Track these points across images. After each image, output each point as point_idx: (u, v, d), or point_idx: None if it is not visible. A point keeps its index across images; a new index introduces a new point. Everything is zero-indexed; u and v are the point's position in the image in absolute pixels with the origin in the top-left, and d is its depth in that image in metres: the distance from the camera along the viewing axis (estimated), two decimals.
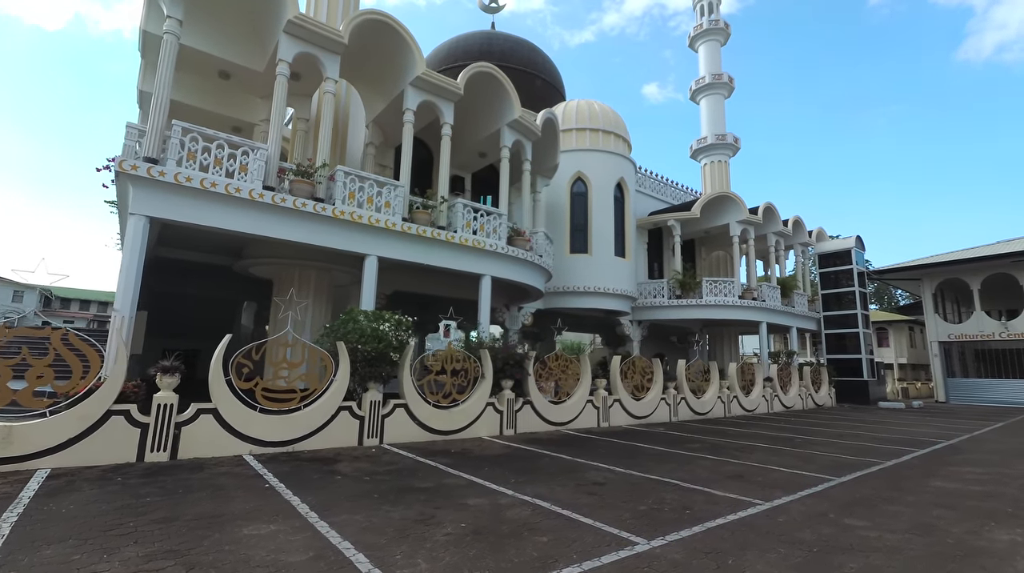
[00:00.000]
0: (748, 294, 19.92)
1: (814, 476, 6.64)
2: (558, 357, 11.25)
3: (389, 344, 8.34)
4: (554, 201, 18.05)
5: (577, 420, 11.27)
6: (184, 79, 11.40)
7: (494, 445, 8.61)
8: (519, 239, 12.69)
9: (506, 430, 9.92)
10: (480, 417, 9.57)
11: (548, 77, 23.63)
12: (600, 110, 18.81)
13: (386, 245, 10.21)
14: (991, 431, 12.68)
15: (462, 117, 13.39)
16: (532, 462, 7.19)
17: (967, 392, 24.06)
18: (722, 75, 26.96)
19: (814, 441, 10.12)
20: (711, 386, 15.02)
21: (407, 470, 6.38)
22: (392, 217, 10.21)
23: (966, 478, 6.77)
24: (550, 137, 14.72)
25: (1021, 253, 21.77)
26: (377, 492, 5.25)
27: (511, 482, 5.87)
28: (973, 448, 9.64)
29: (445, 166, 11.69)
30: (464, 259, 11.38)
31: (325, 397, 7.80)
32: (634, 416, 12.50)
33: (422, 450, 7.84)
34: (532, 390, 10.49)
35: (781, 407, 17.79)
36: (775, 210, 21.50)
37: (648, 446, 8.97)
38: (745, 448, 9.01)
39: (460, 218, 11.39)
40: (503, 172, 12.88)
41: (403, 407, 8.62)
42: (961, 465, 7.77)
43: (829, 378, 20.95)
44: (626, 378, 12.70)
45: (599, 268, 17.54)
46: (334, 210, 9.41)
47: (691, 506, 5.04)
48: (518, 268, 12.60)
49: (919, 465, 7.68)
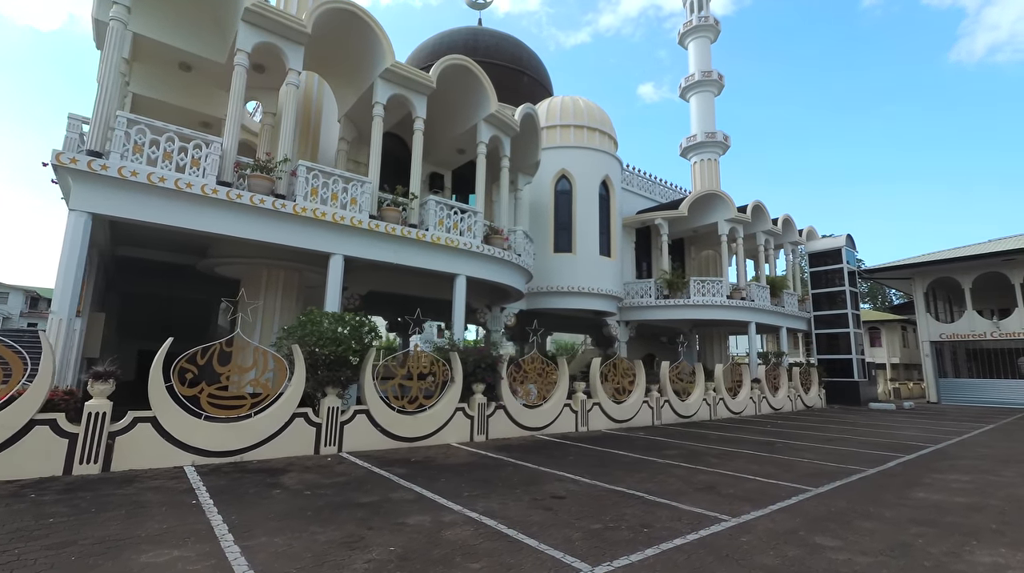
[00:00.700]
0: (737, 294, 19.58)
1: (790, 486, 6.26)
2: (534, 359, 10.86)
3: (348, 347, 7.92)
4: (538, 199, 17.68)
5: (554, 425, 10.87)
6: (146, 72, 10.97)
7: (460, 453, 8.20)
8: (496, 238, 12.29)
9: (477, 436, 9.51)
10: (449, 423, 9.17)
11: (535, 74, 23.22)
12: (585, 106, 18.43)
13: (352, 243, 9.79)
14: (981, 433, 12.35)
15: (438, 112, 12.99)
16: (494, 472, 6.79)
17: (959, 392, 23.79)
18: (712, 72, 26.63)
19: (798, 446, 9.75)
20: (696, 388, 14.65)
21: (356, 482, 5.96)
22: (359, 214, 9.79)
23: (951, 488, 6.40)
24: (530, 133, 14.33)
25: (1012, 251, 21.49)
26: (313, 509, 4.84)
27: (463, 496, 5.46)
28: (961, 453, 9.30)
29: (418, 162, 11.28)
30: (437, 258, 10.97)
31: (278, 404, 7.37)
32: (615, 420, 12.11)
33: (381, 459, 7.43)
34: (505, 394, 10.09)
35: (769, 409, 17.44)
36: (764, 208, 21.17)
37: (623, 453, 8.58)
38: (724, 455, 8.63)
39: (432, 216, 10.98)
40: (479, 168, 12.48)
41: (364, 413, 8.20)
42: (947, 472, 7.41)
43: (819, 379, 20.63)
44: (607, 381, 12.32)
45: (583, 268, 17.15)
46: (295, 207, 8.98)
47: (651, 524, 4.65)
48: (495, 268, 12.20)
49: (903, 473, 7.31)
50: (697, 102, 26.97)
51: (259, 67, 10.63)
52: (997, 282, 23.48)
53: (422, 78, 10.98)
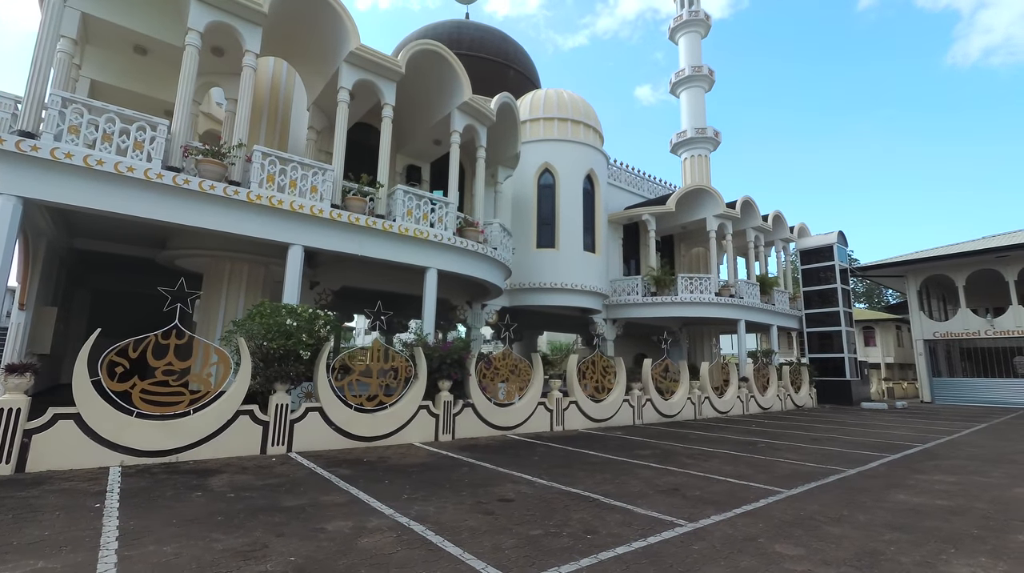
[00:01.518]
0: (725, 291, 19.16)
1: (762, 488, 5.82)
2: (506, 356, 10.41)
3: (298, 341, 7.46)
4: (521, 194, 17.25)
5: (527, 424, 10.42)
6: (100, 56, 10.52)
7: (420, 453, 7.74)
8: (470, 230, 11.85)
9: (442, 436, 9.06)
10: (411, 421, 8.71)
11: (521, 68, 22.85)
12: (569, 99, 18.02)
13: (312, 234, 9.33)
14: (972, 433, 11.92)
15: (411, 100, 12.58)
16: (447, 473, 6.33)
17: (953, 392, 23.39)
18: (702, 67, 26.25)
19: (780, 446, 9.31)
20: (680, 387, 14.21)
21: (290, 484, 5.50)
22: (319, 203, 9.34)
23: (934, 489, 5.96)
24: (508, 124, 13.90)
25: (1005, 248, 21.11)
26: (227, 513, 4.38)
27: (401, 499, 5.01)
28: (949, 453, 8.87)
29: (386, 150, 10.83)
30: (405, 250, 10.52)
31: (221, 400, 6.92)
32: (593, 419, 11.66)
33: (332, 459, 6.97)
34: (474, 392, 9.63)
35: (758, 409, 17.01)
36: (754, 204, 20.77)
37: (593, 453, 8.13)
38: (700, 455, 8.18)
39: (401, 206, 10.53)
40: (453, 158, 12.04)
41: (317, 411, 7.74)
42: (931, 473, 6.98)
43: (810, 378, 20.21)
44: (585, 378, 11.87)
45: (567, 264, 16.72)
46: (249, 194, 8.52)
47: (597, 529, 4.20)
48: (469, 262, 11.75)
49: (884, 474, 6.88)
50: (687, 98, 26.58)
51: (217, 50, 10.18)
52: (991, 280, 23.09)
53: (389, 63, 10.54)
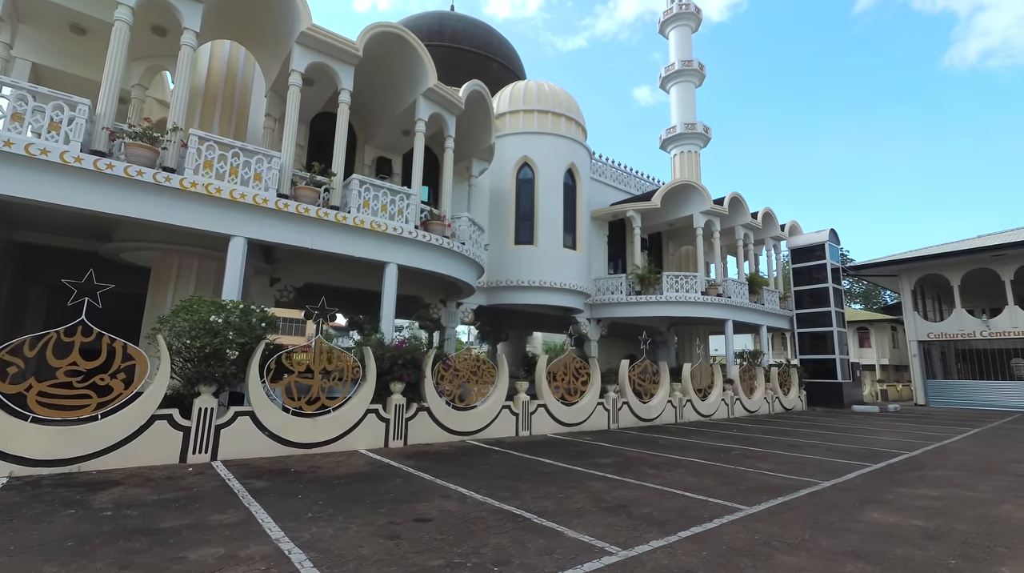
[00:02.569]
0: (712, 290, 18.56)
1: (720, 505, 5.21)
2: (467, 356, 9.79)
3: (225, 339, 6.84)
4: (499, 188, 16.65)
5: (490, 429, 9.80)
6: (36, 35, 9.93)
7: (360, 461, 7.12)
8: (436, 224, 11.23)
9: (393, 442, 8.44)
10: (358, 427, 8.09)
11: (505, 60, 22.25)
12: (550, 91, 17.42)
13: (256, 225, 8.71)
14: (964, 439, 11.32)
15: (375, 88, 12.00)
16: (376, 485, 5.71)
17: (948, 394, 22.78)
18: (692, 62, 25.66)
19: (755, 454, 8.70)
20: (660, 389, 13.60)
21: (187, 500, 4.88)
22: (263, 192, 8.72)
23: (913, 506, 5.35)
24: (480, 114, 13.28)
25: (1001, 246, 20.52)
26: (85, 537, 3.76)
27: (304, 517, 4.40)
28: (936, 461, 8.25)
29: (342, 138, 10.21)
30: (362, 244, 9.89)
31: (135, 404, 6.30)
32: (563, 423, 11.05)
33: (256, 469, 6.35)
34: (430, 394, 9.01)
35: (744, 412, 16.40)
36: (742, 201, 20.17)
37: (550, 461, 7.51)
38: (665, 464, 7.57)
39: (356, 197, 9.92)
40: (417, 148, 11.42)
41: (248, 415, 7.12)
42: (914, 485, 6.37)
43: (800, 380, 19.60)
44: (556, 381, 11.26)
45: (546, 261, 16.10)
46: (183, 181, 7.90)
47: (509, 560, 3.58)
48: (434, 257, 11.12)
49: (861, 487, 6.26)
50: (677, 93, 25.98)
51: (160, 30, 9.58)
52: (987, 279, 22.51)
53: (345, 45, 9.93)
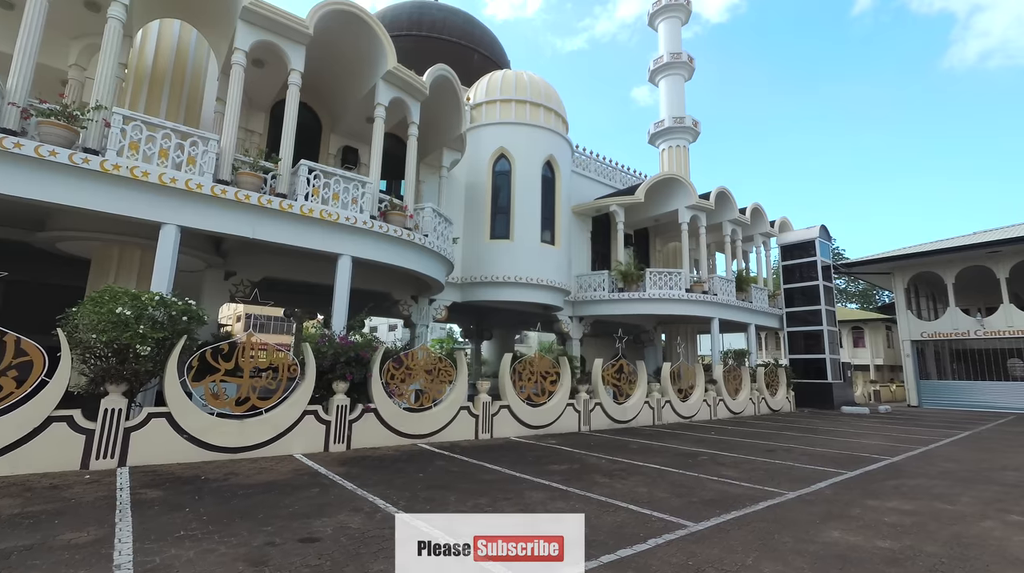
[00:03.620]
0: (698, 287, 17.97)
1: (665, 520, 4.61)
2: (421, 353, 9.18)
3: (134, 334, 6.24)
4: (475, 181, 16.05)
5: (446, 431, 9.21)
6: None
7: (286, 467, 6.52)
8: (395, 214, 10.64)
9: (334, 445, 7.84)
10: (294, 429, 7.49)
11: (487, 51, 21.63)
12: (529, 80, 16.81)
13: (191, 213, 8.10)
14: (951, 443, 10.73)
15: (334, 71, 11.47)
16: (284, 497, 5.11)
17: (941, 395, 22.20)
18: (681, 54, 25.07)
19: (725, 459, 8.11)
20: (636, 390, 13.00)
21: (54, 514, 4.28)
22: (198, 178, 8.11)
23: (881, 522, 4.75)
24: (448, 101, 12.69)
25: (996, 243, 19.94)
26: None
27: (172, 537, 3.81)
28: (918, 468, 7.66)
29: (291, 122, 9.59)
30: (311, 234, 9.29)
31: (29, 404, 5.70)
32: (529, 426, 10.45)
33: (163, 476, 5.76)
34: (377, 395, 8.41)
35: (728, 413, 15.81)
36: (730, 196, 19.57)
37: (497, 468, 6.92)
38: (622, 471, 6.98)
39: (304, 184, 9.32)
40: (376, 134, 10.82)
41: (164, 417, 6.52)
42: (887, 497, 5.77)
43: (788, 380, 19.00)
44: (522, 380, 10.66)
45: (522, 256, 15.49)
46: (103, 163, 7.30)
47: None
48: (394, 249, 10.52)
49: (829, 498, 5.67)
50: (666, 86, 25.39)
51: (92, 4, 8.97)
52: (983, 277, 21.92)
53: (293, 22, 9.33)
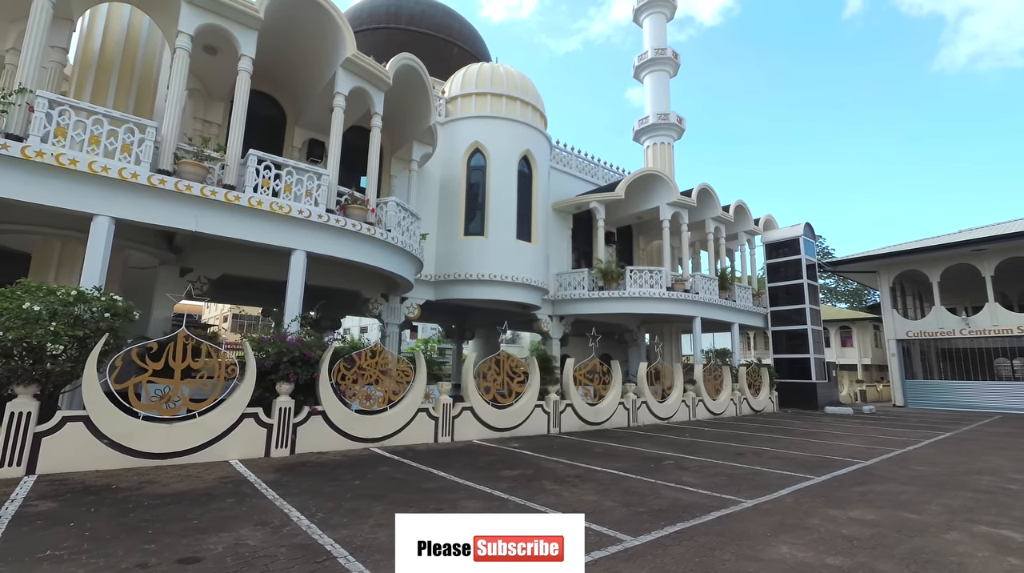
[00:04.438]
0: (679, 286, 17.62)
1: (600, 534, 4.21)
2: (376, 354, 8.75)
3: (46, 331, 5.78)
4: (449, 176, 15.62)
5: (402, 434, 8.77)
6: None
7: (214, 475, 6.07)
8: (355, 208, 10.20)
9: (277, 450, 7.39)
10: (231, 433, 7.05)
11: (467, 45, 21.19)
12: (506, 73, 16.41)
13: (126, 204, 7.62)
14: (931, 444, 10.40)
15: (292, 59, 11.09)
16: (191, 508, 4.67)
17: (928, 395, 21.96)
18: (666, 50, 24.74)
19: (691, 463, 7.73)
20: (610, 390, 12.61)
21: None
22: (132, 166, 7.64)
23: (838, 535, 4.37)
24: (416, 91, 12.27)
25: (981, 240, 19.71)
26: None
27: (35, 556, 3.37)
28: (890, 472, 7.30)
29: (241, 109, 9.12)
30: (261, 228, 8.83)
31: None
32: (493, 428, 10.04)
33: (70, 486, 5.30)
34: (326, 396, 7.97)
35: (708, 414, 15.46)
36: (712, 193, 19.24)
37: (442, 475, 6.49)
38: (575, 478, 6.58)
39: (254, 175, 8.87)
40: (335, 124, 10.36)
41: (82, 421, 6.06)
42: (851, 505, 5.39)
43: (771, 380, 18.67)
44: (487, 381, 10.25)
45: (497, 253, 15.07)
46: (24, 150, 6.82)
47: None
48: (354, 245, 10.08)
49: (788, 507, 5.28)
50: (651, 82, 25.05)
51: None
52: (969, 276, 21.70)
53: (241, 4, 8.86)
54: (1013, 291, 25.00)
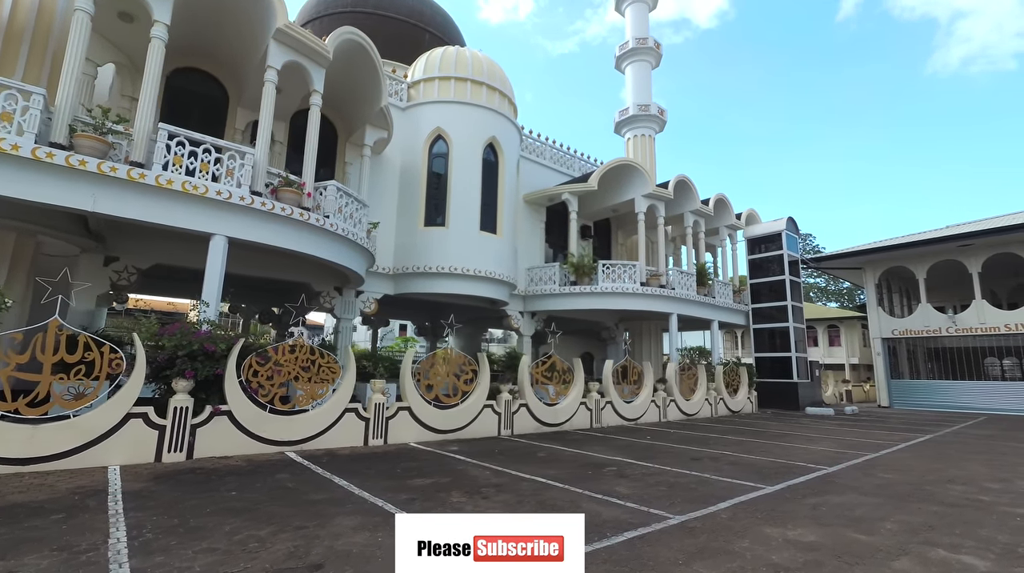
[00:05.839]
0: (654, 281, 16.91)
1: None
2: (294, 347, 7.97)
3: None
4: (410, 163, 14.86)
5: (326, 437, 7.99)
6: None
7: (67, 484, 5.27)
8: (288, 192, 9.41)
9: (171, 454, 6.60)
10: (113, 435, 6.26)
11: (438, 31, 20.40)
12: (472, 57, 15.64)
13: (3, 180, 6.83)
14: (907, 448, 9.69)
15: (224, 32, 10.29)
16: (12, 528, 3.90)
17: (914, 395, 21.29)
18: (647, 40, 24.03)
19: (635, 470, 6.99)
20: (572, 389, 11.86)
21: None
22: (15, 138, 6.84)
23: (766, 563, 3.63)
24: (363, 69, 11.49)
25: (968, 235, 19.05)
26: None
27: None
28: (853, 480, 6.56)
29: (152, 81, 8.33)
30: (172, 209, 8.03)
31: None
32: (435, 430, 9.27)
33: None
34: (233, 395, 7.18)
35: (681, 415, 14.72)
36: (690, 184, 18.53)
37: (343, 485, 5.72)
38: (494, 488, 5.83)
39: (165, 152, 8.07)
40: (266, 100, 9.59)
41: None
42: (795, 521, 4.65)
43: (750, 380, 17.96)
44: (429, 378, 9.47)
45: (458, 245, 14.30)
46: None
47: None
48: (287, 231, 9.28)
49: (719, 525, 4.53)
50: (633, 72, 24.33)
51: None
52: (956, 273, 21.04)
53: None
54: (1002, 288, 24.39)
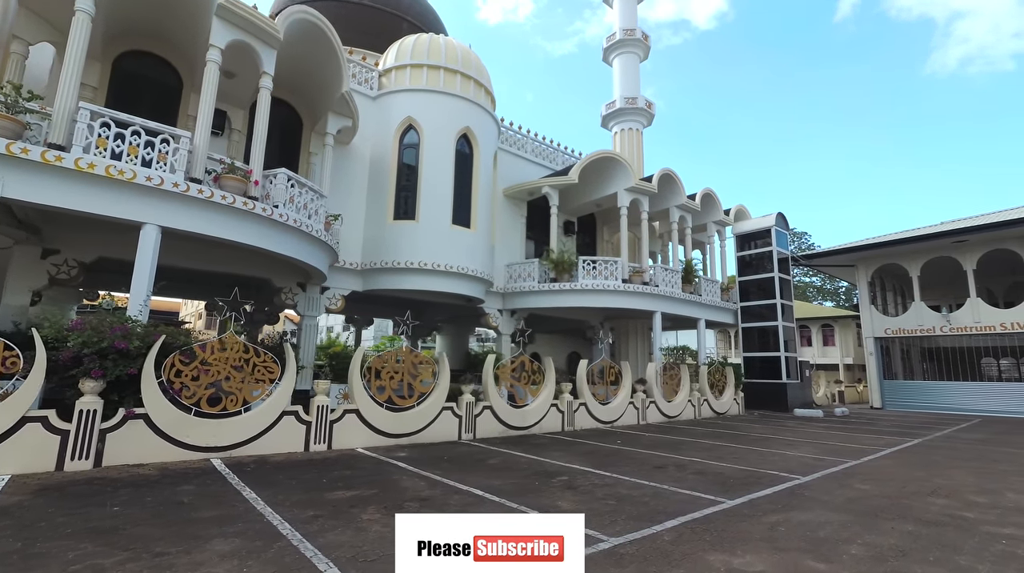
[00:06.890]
0: (637, 278, 16.30)
1: None
2: (224, 344, 7.35)
3: None
4: (380, 154, 14.26)
5: (259, 442, 7.38)
6: None
7: None
8: (231, 179, 8.81)
9: (76, 461, 5.99)
10: (4, 441, 5.66)
11: (417, 20, 19.80)
12: (446, 44, 15.03)
13: None
14: (891, 454, 9.09)
15: (173, 12, 9.70)
16: None
17: (907, 396, 20.69)
18: (635, 31, 23.42)
19: (588, 479, 6.39)
20: (542, 391, 11.26)
21: None
22: None
23: None
24: (324, 54, 10.89)
25: (962, 231, 18.45)
26: None
27: None
28: (823, 493, 5.96)
29: (75, 61, 7.70)
30: (96, 197, 7.42)
31: None
32: (387, 434, 8.67)
33: None
34: (151, 397, 6.57)
35: (661, 417, 14.13)
36: (676, 178, 17.92)
37: (249, 498, 5.11)
38: (416, 502, 5.22)
39: (87, 134, 7.46)
40: (207, 81, 8.95)
41: None
42: (746, 546, 4.04)
43: (737, 380, 17.36)
44: (380, 379, 8.87)
45: (429, 239, 13.69)
46: None
47: None
48: (230, 221, 8.68)
49: (656, 552, 3.93)
50: (620, 64, 23.73)
51: None
52: (951, 271, 20.45)
53: None
54: (998, 286, 23.79)
